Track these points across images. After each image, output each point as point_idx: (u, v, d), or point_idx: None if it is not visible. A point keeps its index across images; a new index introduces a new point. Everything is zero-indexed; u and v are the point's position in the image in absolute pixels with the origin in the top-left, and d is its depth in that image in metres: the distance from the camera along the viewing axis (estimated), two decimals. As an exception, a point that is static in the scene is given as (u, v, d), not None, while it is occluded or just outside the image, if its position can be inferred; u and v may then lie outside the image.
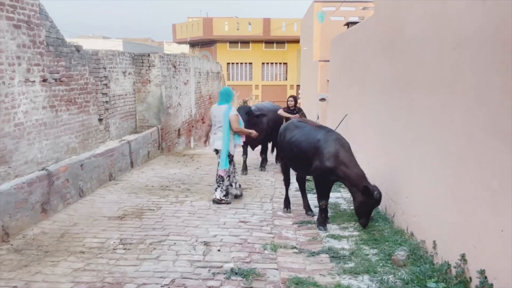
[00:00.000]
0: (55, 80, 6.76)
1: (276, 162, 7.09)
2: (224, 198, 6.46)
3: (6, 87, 5.63)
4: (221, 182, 6.49)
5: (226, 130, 6.31)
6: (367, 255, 4.53)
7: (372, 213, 5.43)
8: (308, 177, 6.44)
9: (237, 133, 6.48)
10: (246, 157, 8.93)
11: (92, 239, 4.87)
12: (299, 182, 6.25)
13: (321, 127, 5.76)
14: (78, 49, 7.54)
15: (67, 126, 7.17)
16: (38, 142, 6.35)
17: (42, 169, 5.61)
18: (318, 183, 5.52)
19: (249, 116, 8.15)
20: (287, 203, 6.26)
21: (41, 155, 6.43)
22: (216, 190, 6.51)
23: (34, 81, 6.21)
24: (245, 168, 8.83)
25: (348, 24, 12.01)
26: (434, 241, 4.13)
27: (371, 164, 6.44)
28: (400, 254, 4.25)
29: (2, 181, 5.52)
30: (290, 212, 6.14)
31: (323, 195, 5.48)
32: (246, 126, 7.03)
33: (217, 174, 6.55)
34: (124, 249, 4.59)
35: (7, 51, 5.64)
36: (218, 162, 6.49)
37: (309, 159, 5.45)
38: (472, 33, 3.43)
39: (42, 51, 6.40)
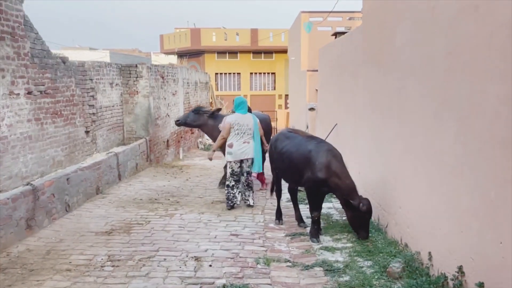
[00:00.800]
0: (40, 92, 6.62)
1: (271, 193, 6.64)
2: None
3: (-11, 100, 5.48)
4: (252, 187, 7.01)
5: (258, 136, 6.84)
6: (362, 267, 4.45)
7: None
8: (300, 188, 6.36)
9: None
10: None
11: (79, 255, 4.71)
12: (291, 193, 6.17)
13: (312, 138, 5.70)
14: (64, 60, 7.41)
15: (53, 139, 7.01)
16: (23, 156, 6.19)
17: (27, 184, 5.45)
18: (310, 194, 5.44)
19: (198, 115, 8.45)
20: (278, 214, 6.18)
21: (26, 169, 6.26)
22: (252, 195, 6.98)
23: (18, 94, 6.06)
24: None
25: (336, 34, 12.08)
26: (429, 253, 4.07)
27: (362, 174, 6.40)
28: (395, 266, 4.18)
29: (-15, 197, 5.34)
30: (282, 224, 6.05)
31: (315, 206, 5.40)
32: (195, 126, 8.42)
33: (249, 180, 6.91)
34: (112, 266, 4.44)
35: (-10, 63, 5.50)
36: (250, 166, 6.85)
37: (300, 170, 5.39)
38: (464, 40, 3.42)
39: (27, 63, 6.27)
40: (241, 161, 6.80)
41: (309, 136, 5.77)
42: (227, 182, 6.86)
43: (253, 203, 6.96)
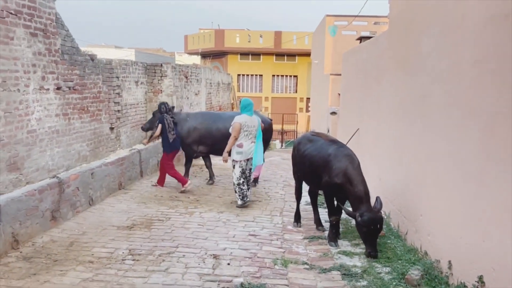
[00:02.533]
0: (69, 88, 6.81)
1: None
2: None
3: (20, 94, 5.67)
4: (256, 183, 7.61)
5: (260, 135, 7.13)
6: (380, 273, 4.43)
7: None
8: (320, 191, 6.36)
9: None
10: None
11: (101, 248, 4.83)
12: (311, 196, 6.18)
13: (333, 142, 5.68)
14: (92, 58, 7.60)
15: (79, 134, 7.19)
16: (50, 150, 6.37)
17: (53, 177, 5.61)
18: (327, 198, 5.44)
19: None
20: (297, 217, 6.19)
21: (53, 163, 6.45)
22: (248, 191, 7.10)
23: (48, 89, 6.25)
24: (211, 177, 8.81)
25: (361, 39, 12.01)
26: (449, 261, 4.02)
27: (383, 180, 6.36)
28: (414, 273, 4.15)
29: (14, 187, 5.53)
30: (300, 227, 6.06)
31: (333, 211, 5.40)
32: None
33: (252, 180, 7.24)
34: (133, 260, 4.54)
35: (23, 59, 5.70)
36: (250, 169, 7.05)
37: (319, 173, 5.40)
38: (492, 49, 3.38)
39: (57, 59, 6.46)
40: (248, 160, 7.01)
41: (331, 140, 5.75)
42: (238, 181, 6.98)
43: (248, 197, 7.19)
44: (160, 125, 7.93)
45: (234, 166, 7.01)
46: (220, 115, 9.11)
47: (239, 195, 7.00)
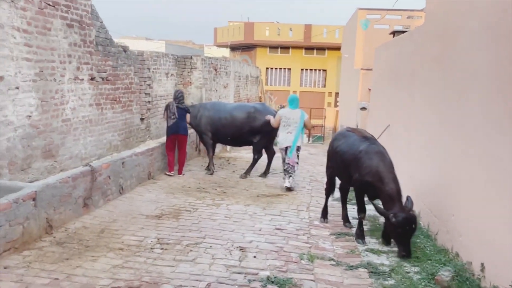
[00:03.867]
0: (102, 78, 6.96)
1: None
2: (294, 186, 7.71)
3: (56, 84, 5.84)
4: (292, 172, 7.67)
5: (300, 129, 7.72)
6: (408, 273, 4.35)
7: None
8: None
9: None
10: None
11: (131, 236, 4.93)
12: (342, 192, 6.11)
13: (366, 138, 5.53)
14: (125, 49, 7.73)
15: (111, 124, 7.36)
16: (83, 138, 6.55)
17: (86, 165, 5.76)
18: (357, 195, 5.37)
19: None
20: (324, 213, 6.14)
21: (85, 151, 6.63)
22: (289, 178, 7.63)
23: (82, 79, 6.41)
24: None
25: (394, 33, 11.74)
26: (482, 264, 3.91)
27: (414, 178, 6.22)
28: (445, 274, 4.06)
29: (48, 174, 5.72)
30: (326, 223, 6.01)
31: (362, 208, 5.33)
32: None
33: (287, 164, 7.67)
34: (161, 248, 4.62)
35: (59, 49, 5.86)
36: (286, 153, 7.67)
37: (350, 170, 5.33)
38: (537, 46, 3.23)
39: (92, 50, 6.61)
40: (286, 148, 7.69)
41: (364, 136, 5.59)
42: (282, 167, 7.93)
43: (289, 185, 7.64)
44: (165, 111, 8.24)
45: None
46: (225, 105, 9.26)
47: (283, 178, 7.87)
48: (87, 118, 6.63)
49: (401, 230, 4.68)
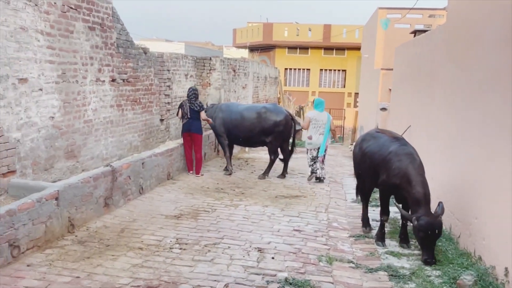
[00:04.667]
0: (123, 80, 7.07)
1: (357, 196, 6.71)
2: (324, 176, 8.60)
3: (79, 85, 5.96)
4: (322, 166, 8.52)
5: (328, 130, 8.49)
6: (429, 276, 4.27)
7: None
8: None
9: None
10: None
11: (150, 236, 4.99)
12: (365, 194, 5.97)
13: (397, 139, 5.37)
14: (145, 51, 7.83)
15: (131, 125, 7.46)
16: (104, 139, 6.66)
17: (107, 165, 5.85)
18: (382, 197, 5.27)
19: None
20: (366, 221, 5.80)
21: (106, 151, 6.74)
22: (321, 170, 8.52)
23: (104, 81, 6.52)
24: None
25: (415, 32, 11.56)
26: (506, 268, 3.81)
27: (435, 179, 6.09)
28: (467, 278, 3.96)
29: (70, 174, 5.84)
30: (369, 232, 5.64)
31: (386, 211, 5.24)
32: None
33: (319, 160, 8.49)
34: (180, 248, 4.66)
35: (81, 52, 5.97)
36: (318, 152, 8.46)
37: (378, 171, 5.19)
38: None
39: (113, 52, 6.72)
40: (318, 148, 8.42)
41: (395, 137, 5.43)
42: (309, 164, 8.57)
43: (320, 175, 8.50)
44: (179, 109, 8.28)
45: (307, 153, 8.64)
46: (237, 106, 9.25)
47: (311, 170, 8.55)
48: (108, 119, 6.74)
49: (423, 234, 4.56)
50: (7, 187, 4.82)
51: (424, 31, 10.47)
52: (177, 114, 8.41)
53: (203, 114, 8.29)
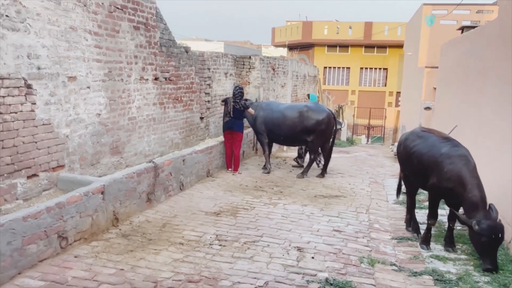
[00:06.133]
0: (165, 79, 7.20)
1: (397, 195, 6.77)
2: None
3: (123, 83, 6.12)
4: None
5: None
6: (477, 282, 4.09)
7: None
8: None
9: None
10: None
11: (190, 232, 5.06)
12: (410, 195, 5.78)
13: (448, 140, 5.12)
14: (186, 50, 7.94)
15: (173, 123, 7.60)
16: (147, 136, 6.81)
17: (150, 161, 5.98)
18: (432, 201, 5.06)
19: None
20: (415, 226, 5.52)
21: (149, 148, 6.89)
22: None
23: (147, 79, 6.67)
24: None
25: (463, 29, 11.10)
26: None
27: (484, 182, 5.82)
28: (520, 287, 3.75)
29: (115, 169, 6.02)
30: (419, 237, 5.30)
31: (435, 214, 5.05)
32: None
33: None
34: (220, 245, 4.69)
35: (126, 51, 6.13)
36: None
37: (427, 173, 4.96)
38: None
39: (156, 51, 6.85)
40: None
41: (445, 138, 5.20)
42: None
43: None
44: (224, 105, 8.44)
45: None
46: (279, 105, 9.22)
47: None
48: (151, 117, 6.89)
49: (486, 240, 4.31)
50: (57, 181, 5.03)
51: (473, 27, 10.04)
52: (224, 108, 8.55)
53: (250, 110, 8.50)
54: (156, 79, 6.92)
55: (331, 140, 8.79)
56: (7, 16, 4.21)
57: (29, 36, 4.48)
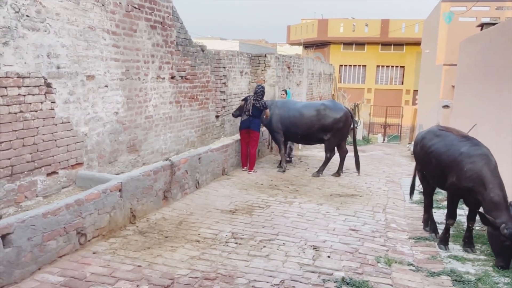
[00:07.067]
0: (181, 77, 7.25)
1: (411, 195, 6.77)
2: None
3: (141, 82, 6.19)
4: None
5: None
6: (497, 283, 4.01)
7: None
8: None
9: None
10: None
11: (206, 229, 5.09)
12: (427, 194, 5.70)
13: (467, 138, 5.03)
14: (202, 49, 7.98)
15: (189, 121, 7.65)
16: (163, 134, 6.87)
17: (166, 159, 6.03)
18: (451, 200, 4.97)
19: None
20: (433, 226, 5.45)
21: (165, 146, 6.95)
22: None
23: (164, 78, 6.73)
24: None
25: (483, 25, 10.89)
26: None
27: (504, 182, 5.71)
28: (541, 289, 3.67)
29: (132, 167, 6.09)
30: (437, 237, 5.24)
31: (454, 214, 4.96)
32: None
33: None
34: (236, 243, 4.71)
35: (143, 50, 6.19)
36: None
37: (446, 173, 4.88)
38: None
39: (172, 50, 6.90)
40: None
41: (464, 136, 5.09)
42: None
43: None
44: (244, 103, 8.43)
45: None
46: (295, 103, 9.19)
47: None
48: (167, 115, 6.94)
49: (510, 244, 4.23)
50: (75, 178, 5.11)
51: (493, 24, 9.84)
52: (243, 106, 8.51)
53: (266, 112, 8.47)
54: (172, 77, 6.97)
55: (352, 139, 8.76)
56: (27, 16, 4.29)
57: (48, 35, 4.56)
